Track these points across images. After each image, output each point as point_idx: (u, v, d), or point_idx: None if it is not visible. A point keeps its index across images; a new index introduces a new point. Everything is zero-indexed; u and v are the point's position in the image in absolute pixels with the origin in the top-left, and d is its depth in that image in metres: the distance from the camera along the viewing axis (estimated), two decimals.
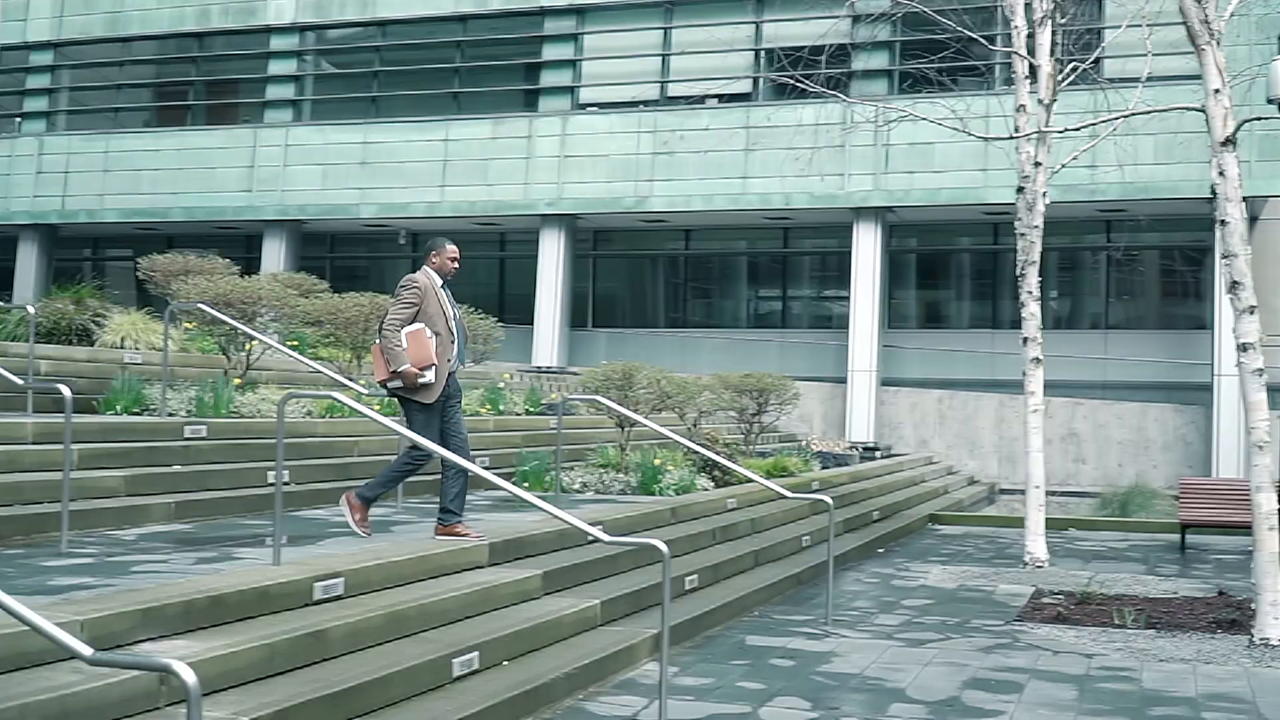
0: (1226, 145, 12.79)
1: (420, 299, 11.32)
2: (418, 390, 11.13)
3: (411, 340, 11.11)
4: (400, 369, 11.03)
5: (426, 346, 11.14)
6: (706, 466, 18.13)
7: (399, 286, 11.47)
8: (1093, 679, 10.76)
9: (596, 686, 9.71)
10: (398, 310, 11.24)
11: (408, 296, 11.30)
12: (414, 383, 11.07)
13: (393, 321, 11.19)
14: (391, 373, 11.09)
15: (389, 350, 11.10)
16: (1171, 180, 27.99)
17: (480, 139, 33.72)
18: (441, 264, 11.67)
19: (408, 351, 11.05)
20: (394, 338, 11.10)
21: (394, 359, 11.07)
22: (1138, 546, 20.65)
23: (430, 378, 11.14)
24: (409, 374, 11.03)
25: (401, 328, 11.15)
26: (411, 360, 11.04)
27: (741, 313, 35.80)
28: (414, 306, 11.27)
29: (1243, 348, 12.73)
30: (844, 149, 29.43)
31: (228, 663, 7.41)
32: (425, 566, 10.15)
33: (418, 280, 11.42)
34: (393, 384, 11.18)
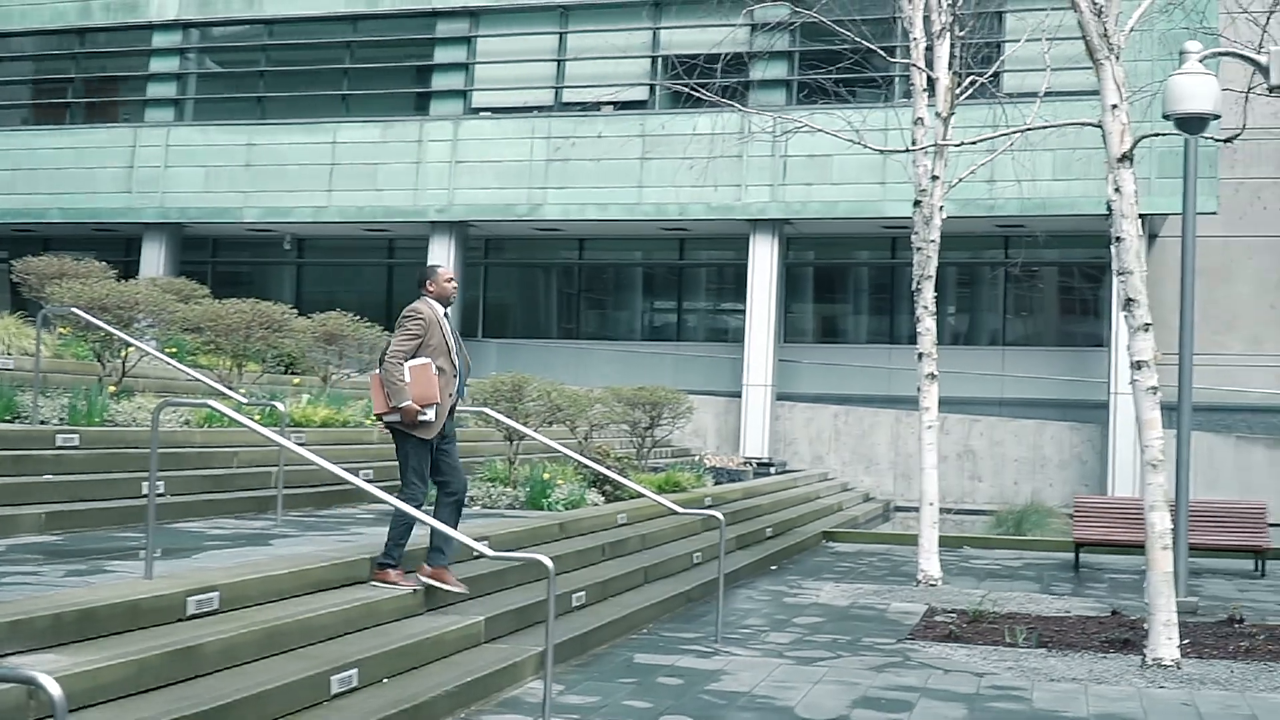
0: (1123, 161, 12.98)
1: (424, 331, 11.04)
2: (416, 426, 10.89)
3: (415, 375, 10.84)
4: (401, 405, 10.78)
5: (432, 383, 10.88)
6: (597, 481, 18.15)
7: (402, 317, 11.18)
8: (983, 698, 10.88)
9: (479, 705, 9.70)
10: (401, 342, 10.96)
11: (412, 328, 11.03)
12: (414, 419, 10.82)
13: (395, 353, 10.90)
14: (391, 407, 10.85)
15: (391, 384, 10.83)
16: (1070, 196, 28.36)
17: (369, 142, 33.55)
18: (440, 290, 11.37)
19: (410, 387, 10.79)
20: (397, 371, 10.82)
21: (396, 394, 10.80)
22: (1032, 565, 20.90)
23: (431, 416, 10.89)
24: (409, 411, 10.78)
25: (404, 360, 10.88)
26: (414, 397, 10.78)
27: (636, 324, 35.85)
28: (418, 339, 10.98)
29: (1137, 365, 12.92)
30: (741, 160, 29.59)
31: (97, 678, 7.33)
32: (304, 581, 10.09)
33: (421, 311, 11.12)
34: (390, 418, 10.94)
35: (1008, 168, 23.25)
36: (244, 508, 14.37)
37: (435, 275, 11.41)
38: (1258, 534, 20.28)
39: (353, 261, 37.40)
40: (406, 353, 10.91)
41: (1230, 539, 20.33)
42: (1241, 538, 20.30)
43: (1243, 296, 30.74)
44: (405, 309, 11.26)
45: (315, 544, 11.95)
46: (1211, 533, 20.20)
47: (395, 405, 10.81)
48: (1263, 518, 20.47)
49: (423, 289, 11.40)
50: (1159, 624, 12.53)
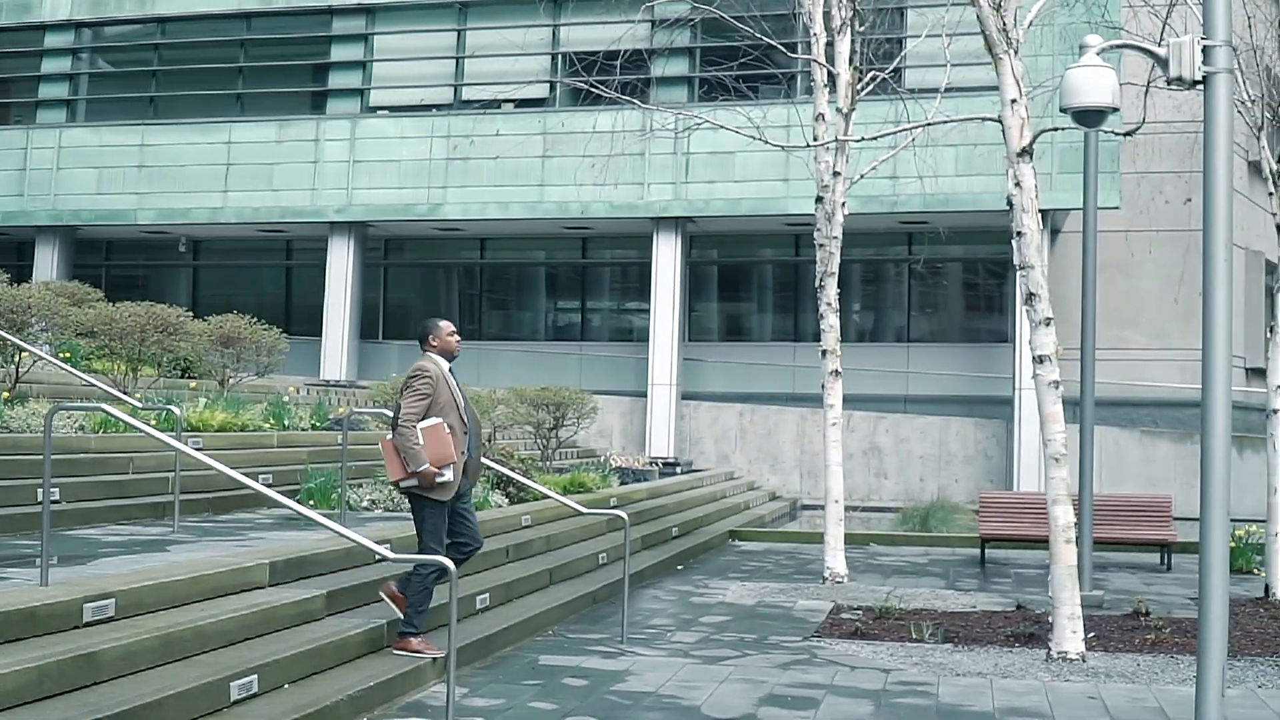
0: (1023, 156, 13.16)
1: (433, 389, 10.84)
2: (433, 488, 10.71)
3: (429, 437, 10.64)
4: (419, 469, 10.61)
5: (446, 442, 10.69)
6: (501, 482, 18.18)
7: (408, 378, 10.98)
8: (889, 694, 11.01)
9: (383, 709, 9.71)
10: (412, 403, 10.75)
11: (420, 388, 10.82)
12: (432, 482, 10.64)
13: (408, 416, 10.69)
14: (409, 473, 10.67)
15: (407, 449, 10.62)
16: (973, 192, 28.65)
17: (265, 142, 33.34)
18: (444, 345, 11.20)
19: (425, 449, 10.60)
20: (411, 435, 10.62)
21: (412, 459, 10.60)
22: (938, 561, 21.11)
23: (449, 476, 10.72)
24: (428, 474, 10.60)
25: (417, 423, 10.69)
26: (430, 459, 10.59)
27: (540, 325, 35.86)
28: (427, 399, 10.77)
29: (1039, 359, 13.10)
30: (643, 157, 29.67)
31: None
32: (202, 587, 10.05)
33: (428, 370, 10.93)
34: (407, 483, 10.77)
35: (910, 164, 23.43)
36: (141, 514, 14.27)
37: (438, 330, 11.21)
38: (1163, 527, 20.58)
39: (250, 263, 37.16)
40: (419, 414, 10.70)
41: (1136, 532, 20.62)
42: (1147, 531, 20.60)
43: (1146, 291, 31.15)
44: (411, 368, 11.05)
45: (213, 550, 11.91)
46: (1117, 526, 20.48)
47: (413, 470, 10.64)
48: (1168, 511, 20.77)
49: (425, 345, 11.21)
50: (1064, 618, 12.70)
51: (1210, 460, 8.27)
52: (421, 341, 11.26)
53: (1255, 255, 32.40)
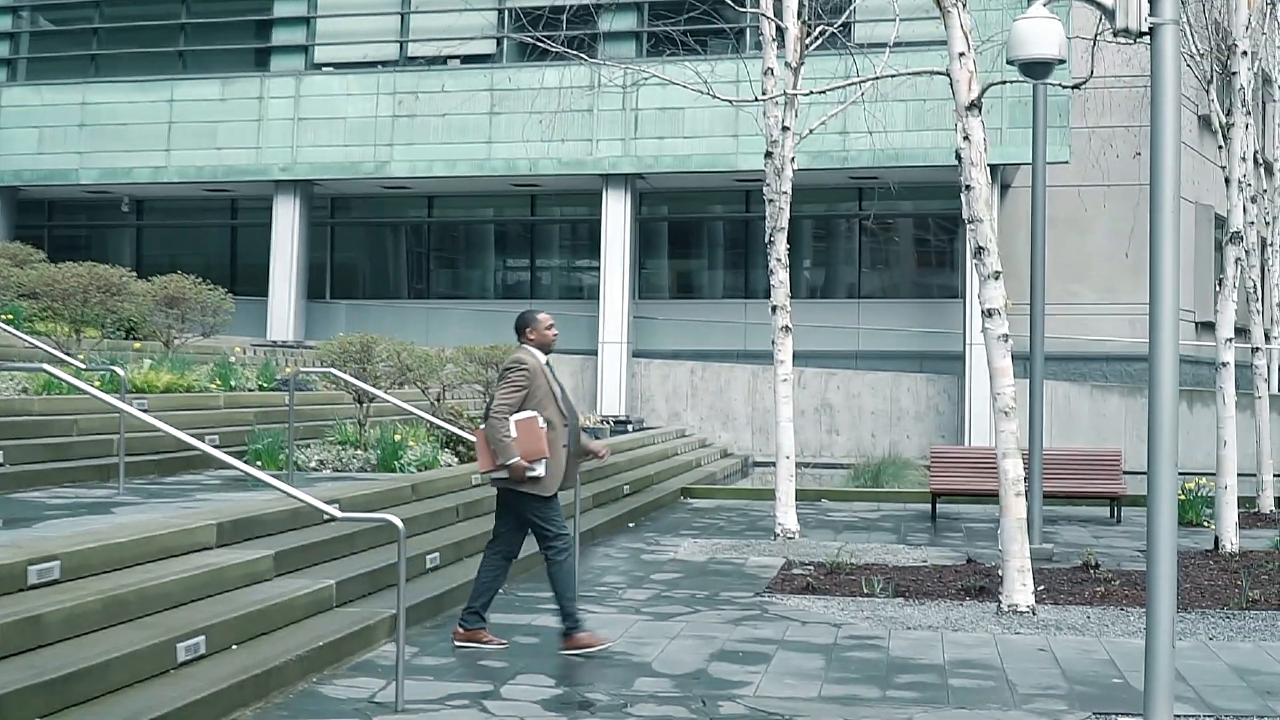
0: (971, 109, 13.19)
1: (529, 382, 10.65)
2: (526, 483, 10.55)
3: (522, 430, 10.46)
4: (509, 462, 10.46)
5: (539, 437, 10.51)
6: (451, 442, 18.17)
7: (504, 369, 10.83)
8: (841, 648, 11.08)
9: (332, 669, 9.72)
10: (506, 394, 10.58)
11: (516, 379, 10.62)
12: (522, 476, 10.48)
13: (500, 408, 10.52)
14: (498, 465, 10.53)
15: (496, 441, 10.48)
16: (923, 147, 28.69)
17: (208, 100, 33.09)
18: (541, 338, 10.99)
19: (516, 442, 10.42)
20: (502, 427, 10.45)
21: (502, 451, 10.45)
22: (890, 516, 21.22)
23: (540, 471, 10.54)
24: (517, 468, 10.44)
25: (510, 415, 10.52)
26: (521, 453, 10.42)
27: (489, 283, 35.78)
28: (523, 390, 10.58)
29: (988, 313, 13.16)
30: (592, 114, 29.61)
31: None
32: (148, 549, 10.03)
33: (525, 361, 10.74)
34: (497, 475, 10.66)
35: (860, 119, 23.42)
36: (85, 476, 14.21)
37: (535, 322, 11.03)
38: (1113, 480, 20.75)
39: (194, 223, 36.92)
40: (512, 406, 10.52)
41: (1086, 486, 20.78)
42: (1097, 484, 20.77)
43: (1096, 246, 31.29)
44: (508, 360, 10.92)
45: (159, 511, 11.85)
46: (1067, 480, 20.64)
47: (502, 463, 10.50)
48: (1118, 464, 20.94)
49: (522, 337, 11.04)
50: (1013, 570, 12.79)
51: (1158, 411, 8.33)
52: (519, 333, 11.07)
53: (1205, 209, 32.62)
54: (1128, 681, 9.97)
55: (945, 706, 9.24)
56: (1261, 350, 21.52)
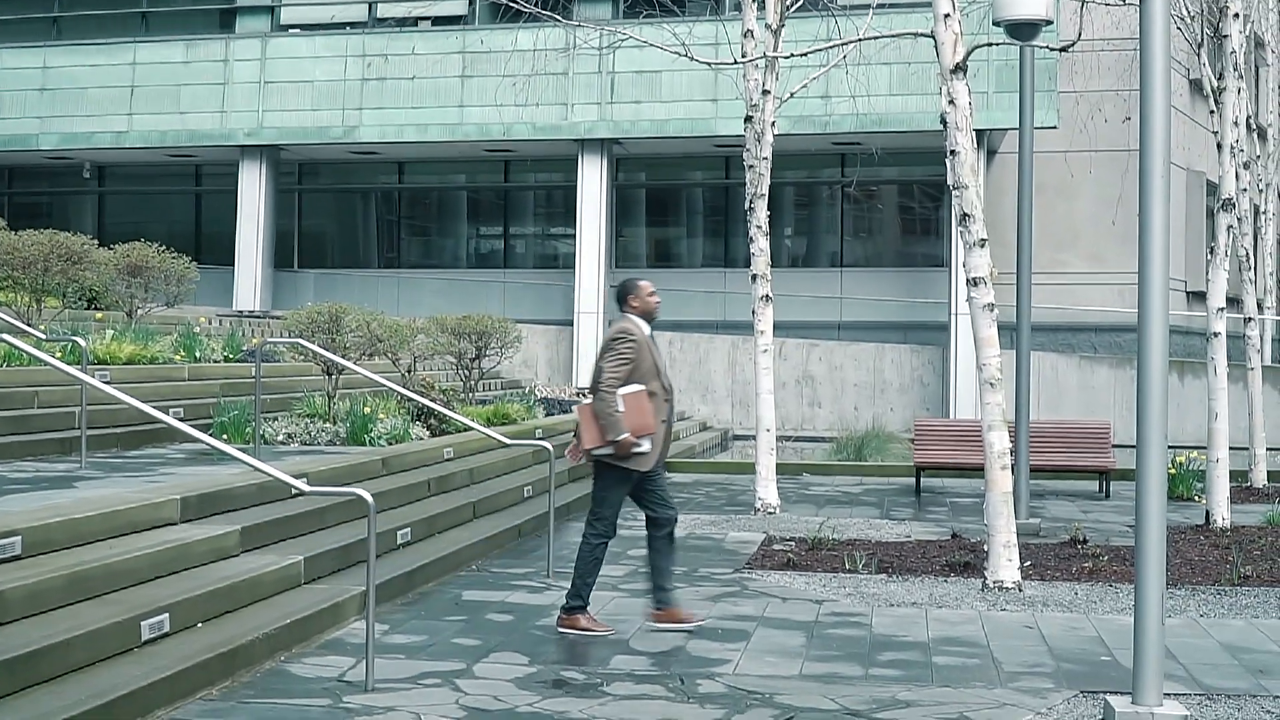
0: (956, 72, 13.17)
1: (636, 354, 10.51)
2: (629, 458, 10.46)
3: (630, 404, 10.35)
4: (619, 438, 10.35)
5: (647, 412, 10.42)
6: (422, 414, 18.15)
7: (609, 340, 10.65)
8: (822, 625, 11.10)
9: (300, 647, 9.71)
10: (614, 367, 10.44)
11: (624, 351, 10.48)
12: (628, 452, 10.38)
13: (610, 381, 10.39)
14: (606, 440, 10.42)
15: (605, 415, 10.36)
16: (907, 112, 28.69)
17: (172, 63, 32.95)
18: (645, 306, 10.79)
19: (624, 417, 10.33)
20: (613, 401, 10.34)
21: (611, 426, 10.34)
22: (873, 491, 21.26)
23: (647, 446, 10.46)
24: (626, 444, 10.35)
25: (618, 388, 10.41)
26: (630, 428, 10.33)
27: (462, 252, 35.73)
28: (630, 363, 10.44)
29: (973, 282, 13.16)
30: (567, 77, 29.55)
31: None
32: (112, 524, 10.00)
33: (632, 332, 10.58)
34: (601, 451, 10.53)
35: (842, 83, 23.40)
36: (46, 450, 14.18)
37: (638, 290, 10.84)
38: (1101, 454, 20.78)
39: (158, 190, 36.81)
40: (620, 379, 10.40)
41: (1074, 460, 20.82)
42: (1085, 458, 20.81)
43: (1084, 213, 31.35)
44: (613, 330, 10.74)
45: (123, 486, 11.83)
46: (1055, 454, 20.68)
47: (611, 439, 10.38)
48: (1106, 437, 20.97)
49: (624, 305, 10.85)
50: (999, 545, 12.81)
51: (1147, 382, 8.35)
52: (620, 301, 10.91)
53: (1196, 175, 32.67)
54: (1116, 659, 10.00)
55: (929, 685, 9.26)
56: (1254, 320, 21.54)
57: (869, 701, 8.80)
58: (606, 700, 8.72)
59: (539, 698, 8.73)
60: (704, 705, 8.65)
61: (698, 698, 8.83)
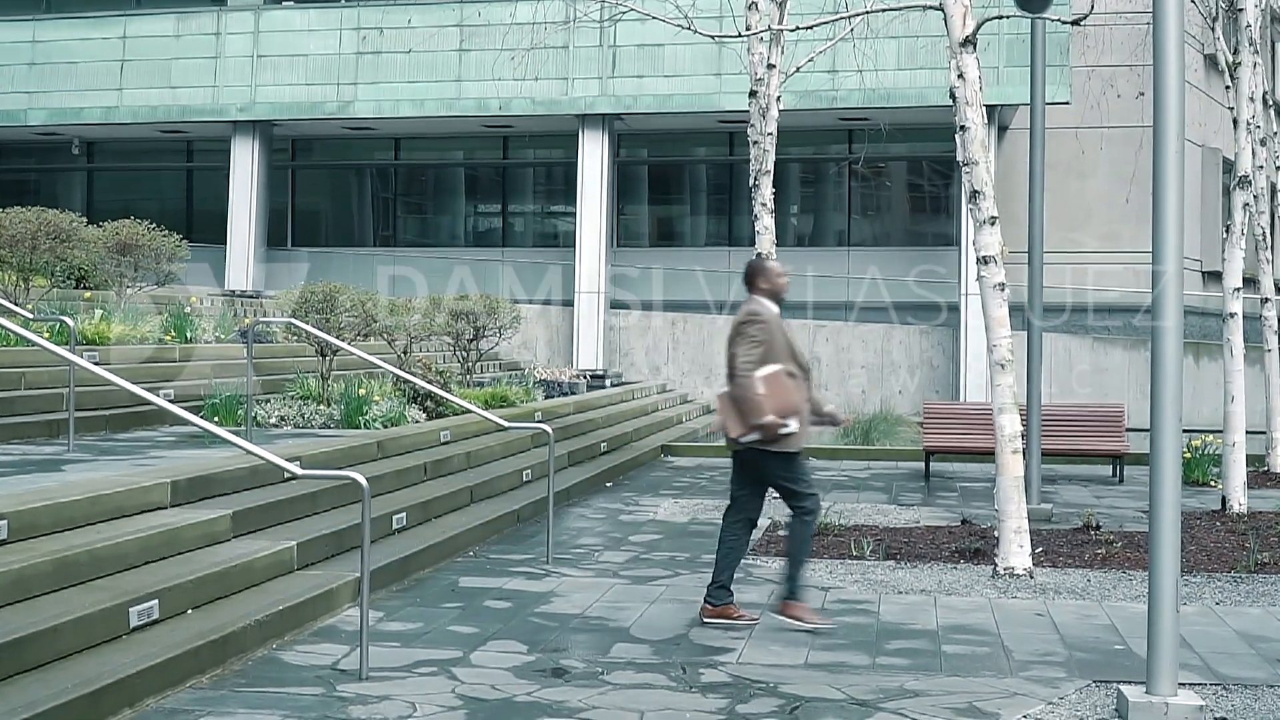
0: (966, 46, 13.13)
1: (768, 335, 10.42)
2: (778, 440, 10.36)
3: (770, 386, 10.26)
4: (764, 421, 10.26)
5: (788, 390, 10.34)
6: (418, 397, 18.14)
7: (740, 323, 10.52)
8: (829, 613, 11.07)
9: (293, 634, 9.70)
10: (748, 350, 10.34)
11: (755, 333, 10.39)
12: (775, 435, 10.28)
13: (745, 365, 10.29)
14: (751, 426, 10.34)
15: (746, 400, 10.28)
16: (916, 87, 28.64)
17: (163, 36, 32.88)
18: (773, 287, 10.71)
19: (766, 399, 10.24)
20: (752, 385, 10.25)
21: (753, 410, 10.25)
22: (880, 475, 21.25)
23: (794, 426, 10.36)
24: (771, 427, 10.25)
25: (754, 371, 10.31)
26: (773, 409, 10.24)
27: (459, 230, 35.69)
28: (763, 345, 10.34)
29: (984, 261, 13.12)
30: (567, 50, 29.48)
31: None
32: (100, 508, 9.99)
33: (760, 314, 10.51)
34: (748, 438, 10.43)
35: (850, 57, 23.33)
36: (33, 432, 14.17)
37: (767, 271, 10.80)
38: (1115, 438, 20.75)
39: (149, 166, 36.77)
40: (755, 362, 10.30)
41: (1087, 443, 20.79)
42: (1098, 442, 20.77)
43: (1097, 191, 31.30)
44: (742, 313, 10.59)
45: (111, 469, 11.82)
46: (1067, 437, 20.65)
47: (756, 423, 10.30)
48: (1120, 421, 20.91)
49: (752, 286, 10.78)
50: (1009, 531, 12.79)
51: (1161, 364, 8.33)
52: (748, 283, 10.82)
53: (1212, 153, 32.61)
54: (1130, 648, 9.98)
55: (937, 674, 9.25)
56: (1271, 301, 21.52)
57: (876, 691, 8.79)
58: (607, 689, 8.70)
59: (537, 687, 8.72)
60: (706, 694, 8.64)
61: (700, 687, 8.82)
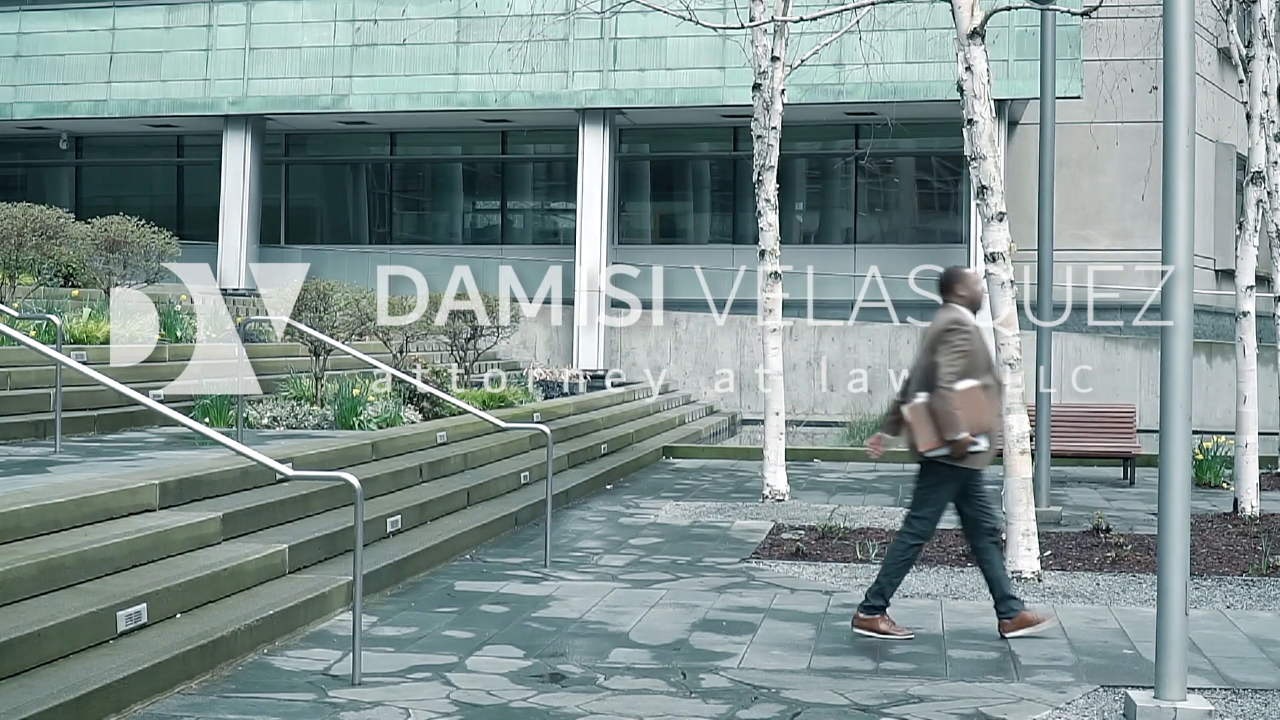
0: (974, 38, 13.13)
1: (972, 346, 10.27)
2: (965, 458, 10.20)
3: (966, 401, 10.11)
4: (957, 438, 10.10)
5: (984, 409, 10.22)
6: (414, 397, 18.15)
7: (944, 332, 10.34)
8: (832, 617, 11.09)
9: (284, 639, 9.71)
10: (952, 361, 10.20)
11: (960, 344, 10.24)
12: (964, 452, 10.14)
13: (948, 377, 10.14)
14: (944, 440, 10.17)
15: (945, 414, 10.11)
16: (924, 81, 28.65)
17: (153, 28, 32.88)
18: (973, 295, 10.57)
19: (962, 415, 10.08)
20: (951, 398, 10.09)
21: (950, 425, 10.09)
22: (886, 478, 21.24)
23: (984, 445, 10.24)
24: (963, 444, 10.10)
25: (955, 383, 10.14)
26: (968, 426, 10.07)
27: (457, 227, 35.72)
28: (967, 357, 10.20)
29: (991, 258, 13.13)
30: (567, 43, 29.51)
31: None
32: (87, 510, 10.00)
33: (965, 323, 10.34)
34: (936, 452, 10.26)
35: (856, 50, 23.37)
36: (19, 433, 14.20)
37: (966, 279, 10.64)
38: (1126, 439, 20.75)
39: (138, 161, 36.80)
40: (958, 374, 10.16)
41: (1097, 445, 20.79)
42: (1108, 443, 20.77)
43: (1109, 187, 31.31)
44: (944, 322, 10.40)
45: (99, 470, 11.84)
46: (1077, 438, 20.65)
47: (949, 438, 10.15)
48: (1131, 421, 20.91)
49: (949, 294, 10.61)
50: (1017, 534, 12.81)
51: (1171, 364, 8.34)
52: (944, 290, 10.67)
53: (1226, 148, 32.63)
54: (1139, 652, 10.00)
55: (942, 679, 9.26)
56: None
57: (880, 696, 8.79)
58: (605, 695, 8.71)
59: (534, 692, 8.73)
60: (707, 700, 8.64)
61: (700, 692, 8.82)
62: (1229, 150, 32.47)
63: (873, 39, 21.49)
